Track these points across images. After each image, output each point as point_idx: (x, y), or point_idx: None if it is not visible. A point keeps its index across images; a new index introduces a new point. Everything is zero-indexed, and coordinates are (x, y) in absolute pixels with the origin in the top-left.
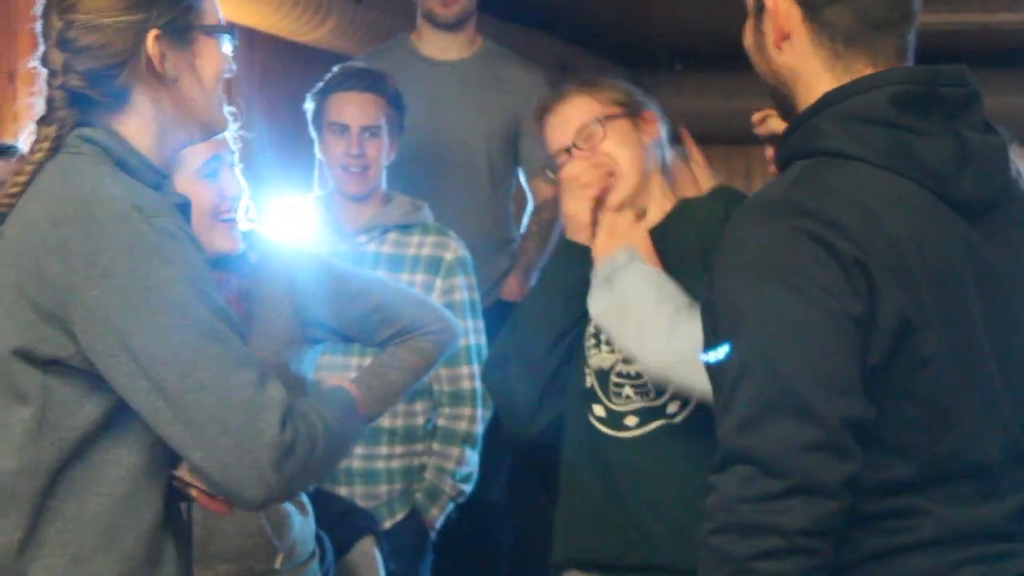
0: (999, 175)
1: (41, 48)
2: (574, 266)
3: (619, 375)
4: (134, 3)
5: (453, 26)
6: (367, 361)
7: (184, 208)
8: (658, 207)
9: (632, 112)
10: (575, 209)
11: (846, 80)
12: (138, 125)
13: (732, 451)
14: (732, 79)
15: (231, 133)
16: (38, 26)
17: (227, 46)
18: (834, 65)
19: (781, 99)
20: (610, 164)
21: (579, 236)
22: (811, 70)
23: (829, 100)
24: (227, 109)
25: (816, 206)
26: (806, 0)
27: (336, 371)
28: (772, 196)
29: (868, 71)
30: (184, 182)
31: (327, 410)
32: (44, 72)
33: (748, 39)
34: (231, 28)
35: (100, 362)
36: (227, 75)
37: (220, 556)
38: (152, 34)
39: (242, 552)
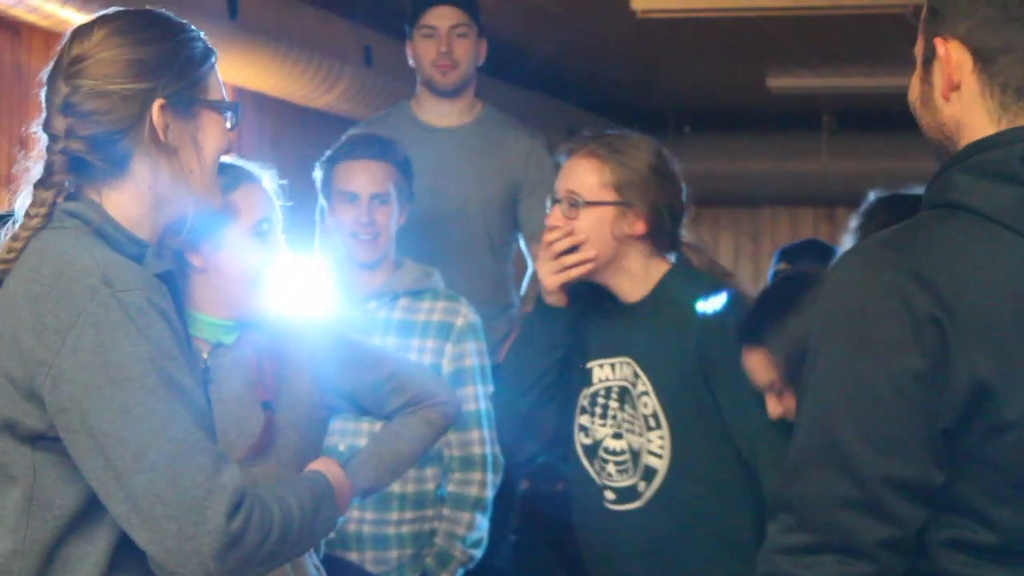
0: None
1: (44, 114)
2: (546, 323)
3: (606, 450)
4: (142, 72)
5: (452, 93)
6: (377, 426)
7: (167, 277)
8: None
9: (623, 203)
10: (542, 272)
11: None
12: (133, 193)
13: (776, 499)
14: (740, 141)
15: (279, 199)
16: (43, 92)
17: (229, 122)
18: (1000, 118)
19: (944, 153)
20: (579, 240)
21: (548, 298)
22: (977, 122)
23: (969, 151)
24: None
25: (908, 258)
26: (979, 50)
27: (347, 436)
28: (874, 241)
29: None
30: (237, 237)
31: (294, 498)
32: (45, 138)
33: (914, 91)
34: (235, 105)
35: (63, 436)
36: (226, 152)
37: None
38: (158, 103)
39: None
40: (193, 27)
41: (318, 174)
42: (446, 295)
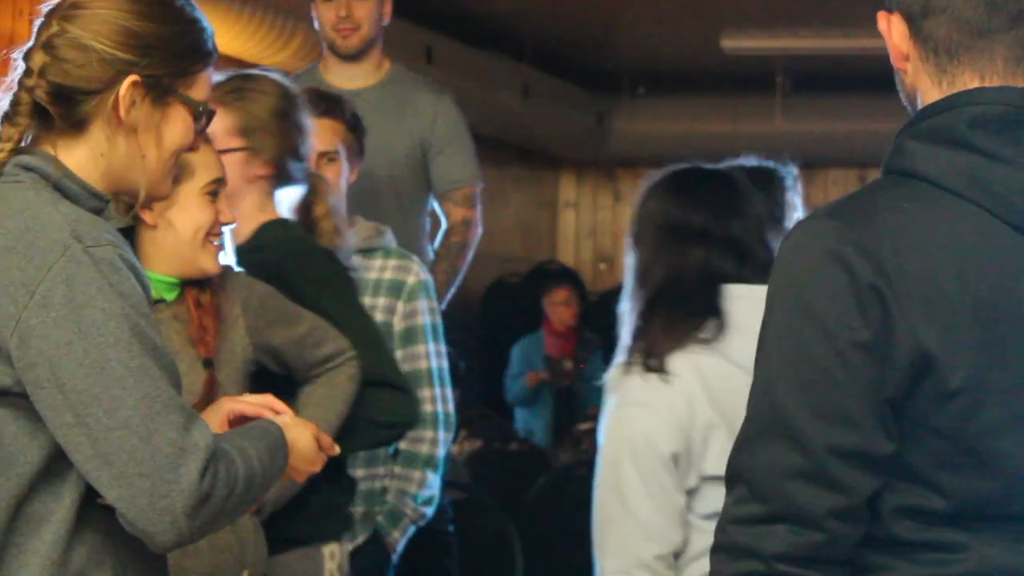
0: None
1: (31, 43)
2: None
3: None
4: (130, 43)
5: (354, 56)
6: None
7: (128, 232)
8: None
9: (248, 148)
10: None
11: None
12: (86, 155)
13: (730, 469)
14: (694, 102)
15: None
16: (37, 21)
17: (200, 125)
18: (940, 80)
19: None
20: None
21: None
22: (924, 88)
23: (918, 117)
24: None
25: (852, 227)
26: (910, 16)
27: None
28: (823, 210)
29: (975, 84)
30: (191, 195)
31: (253, 449)
32: (20, 67)
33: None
34: (211, 112)
35: (30, 391)
36: (187, 151)
37: (193, 571)
38: (131, 79)
39: (213, 568)
40: (205, 21)
41: None
42: (398, 253)
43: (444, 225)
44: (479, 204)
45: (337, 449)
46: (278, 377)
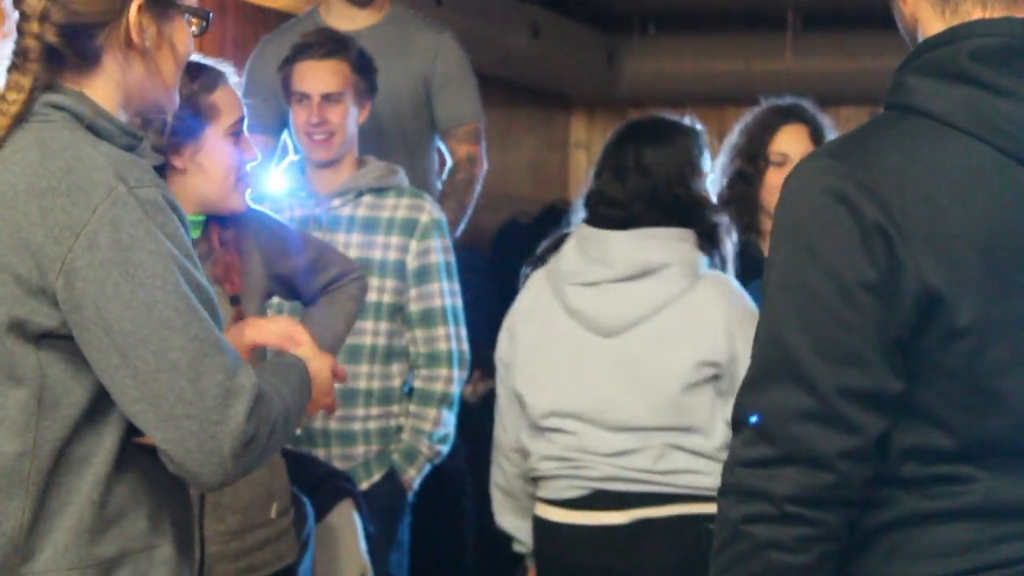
0: None
1: None
2: None
3: None
4: None
5: None
6: None
7: (160, 170)
8: None
9: None
10: None
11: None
12: (104, 89)
13: (737, 411)
14: (705, 41)
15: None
16: None
17: (198, 29)
18: (943, 11)
19: None
20: None
21: None
22: (925, 18)
23: (918, 51)
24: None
25: (855, 166)
26: None
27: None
28: (825, 149)
29: (977, 14)
30: (218, 138)
31: (286, 387)
32: (15, 14)
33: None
34: (207, 13)
35: (76, 334)
36: (190, 56)
37: (231, 507)
38: (137, 2)
39: (250, 502)
40: None
41: (278, 77)
42: (411, 192)
43: (449, 163)
44: (483, 140)
45: (348, 377)
46: None
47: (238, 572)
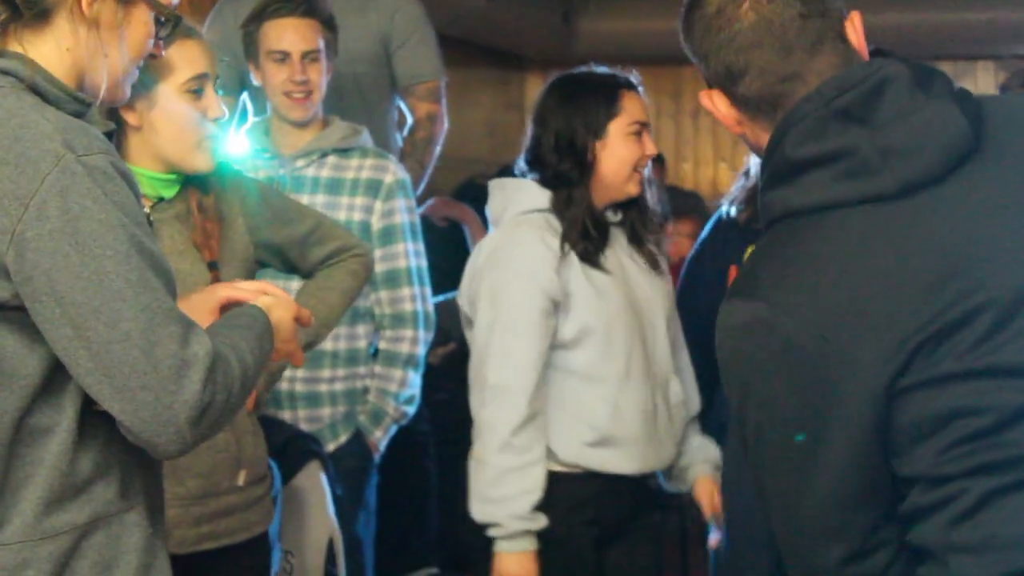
0: (945, 139)
1: None
2: None
3: None
4: None
5: None
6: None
7: (111, 136)
8: None
9: None
10: None
11: None
12: (52, 50)
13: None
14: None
15: (217, 59)
16: None
17: (163, 31)
18: (771, 127)
19: None
20: None
21: None
22: (764, 140)
23: (763, 167)
24: (129, 87)
25: (778, 309)
26: (721, 87)
27: None
28: (744, 290)
29: (797, 98)
30: (170, 94)
31: (244, 342)
32: None
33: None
34: (177, 18)
35: (28, 305)
36: (146, 57)
37: (191, 471)
38: None
39: (212, 467)
40: None
41: (241, 35)
42: (375, 152)
43: (409, 121)
44: (444, 98)
45: (313, 321)
46: None
47: (199, 538)
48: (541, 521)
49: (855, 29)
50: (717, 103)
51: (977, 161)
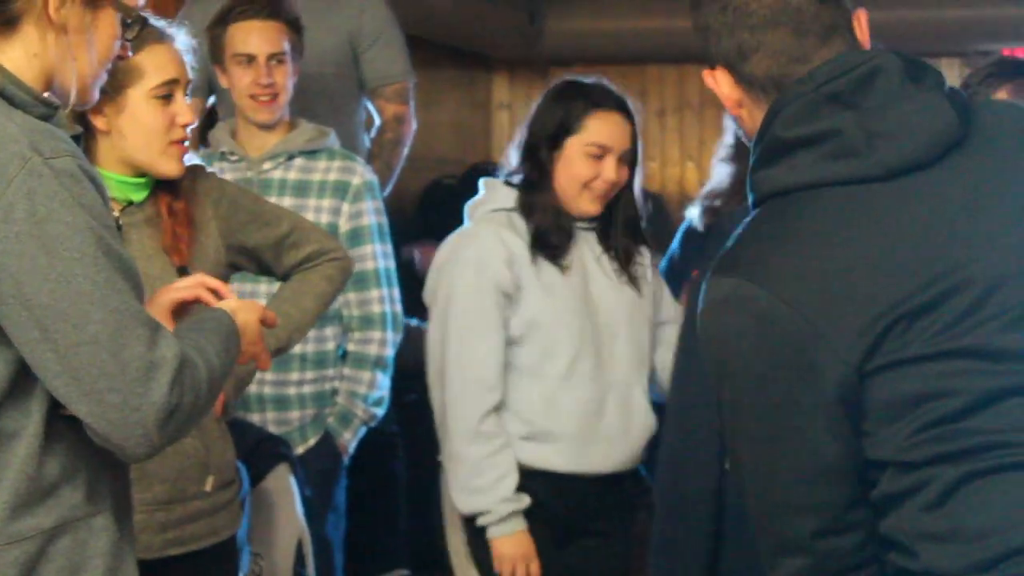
0: (932, 124)
1: None
2: None
3: None
4: None
5: None
6: (275, 287)
7: (78, 139)
8: None
9: None
10: None
11: None
12: (20, 56)
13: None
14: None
15: (191, 63)
16: None
17: (129, 33)
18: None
19: None
20: None
21: None
22: (759, 123)
23: (755, 149)
24: (98, 89)
25: (761, 284)
26: (728, 65)
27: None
28: (727, 266)
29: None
30: (139, 100)
31: (210, 346)
32: None
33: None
34: (143, 19)
35: None
36: (115, 60)
37: (157, 476)
38: None
39: (178, 473)
40: None
41: (205, 38)
42: (342, 154)
43: (377, 122)
44: (412, 100)
45: (278, 322)
46: None
47: (164, 544)
48: (526, 500)
49: (860, 27)
50: (720, 82)
51: (963, 152)
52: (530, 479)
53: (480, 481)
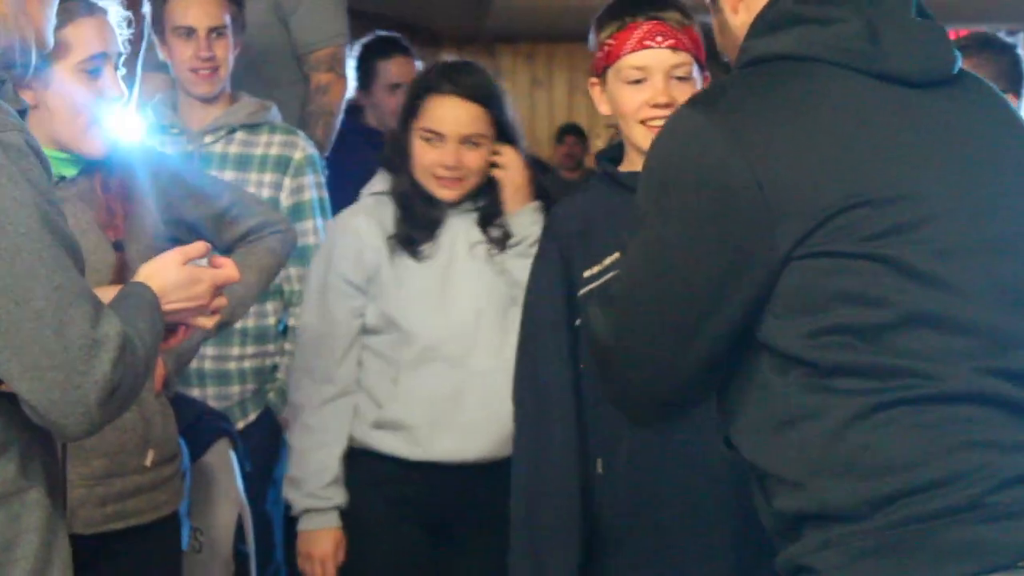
0: (932, 49)
1: None
2: None
3: None
4: None
5: None
6: None
7: (23, 114)
8: None
9: None
10: None
11: None
12: None
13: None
14: None
15: (122, 36)
16: None
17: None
18: None
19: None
20: None
21: None
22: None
23: (753, 31)
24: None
25: (728, 131)
26: None
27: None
28: (699, 107)
29: None
30: (64, 74)
31: (141, 323)
32: None
33: (716, 30)
34: None
35: None
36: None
37: (96, 450)
38: None
39: (118, 447)
40: None
41: (146, 9)
42: (284, 128)
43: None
44: (343, 66)
45: (208, 250)
46: None
47: (105, 518)
48: (338, 499)
49: None
50: None
51: (950, 91)
52: (382, 464)
53: (297, 472)
